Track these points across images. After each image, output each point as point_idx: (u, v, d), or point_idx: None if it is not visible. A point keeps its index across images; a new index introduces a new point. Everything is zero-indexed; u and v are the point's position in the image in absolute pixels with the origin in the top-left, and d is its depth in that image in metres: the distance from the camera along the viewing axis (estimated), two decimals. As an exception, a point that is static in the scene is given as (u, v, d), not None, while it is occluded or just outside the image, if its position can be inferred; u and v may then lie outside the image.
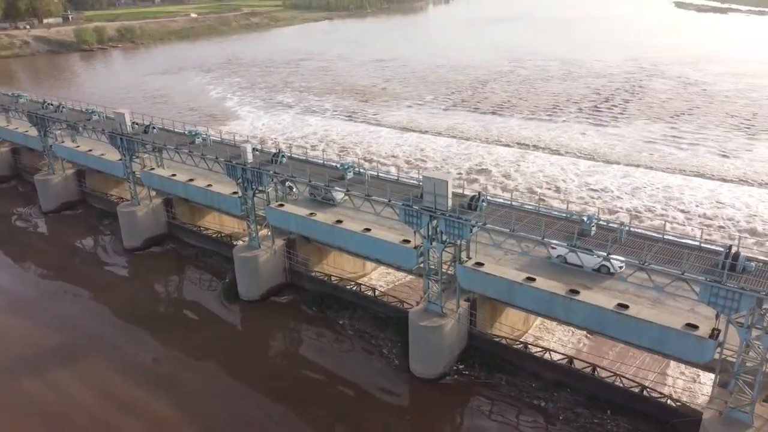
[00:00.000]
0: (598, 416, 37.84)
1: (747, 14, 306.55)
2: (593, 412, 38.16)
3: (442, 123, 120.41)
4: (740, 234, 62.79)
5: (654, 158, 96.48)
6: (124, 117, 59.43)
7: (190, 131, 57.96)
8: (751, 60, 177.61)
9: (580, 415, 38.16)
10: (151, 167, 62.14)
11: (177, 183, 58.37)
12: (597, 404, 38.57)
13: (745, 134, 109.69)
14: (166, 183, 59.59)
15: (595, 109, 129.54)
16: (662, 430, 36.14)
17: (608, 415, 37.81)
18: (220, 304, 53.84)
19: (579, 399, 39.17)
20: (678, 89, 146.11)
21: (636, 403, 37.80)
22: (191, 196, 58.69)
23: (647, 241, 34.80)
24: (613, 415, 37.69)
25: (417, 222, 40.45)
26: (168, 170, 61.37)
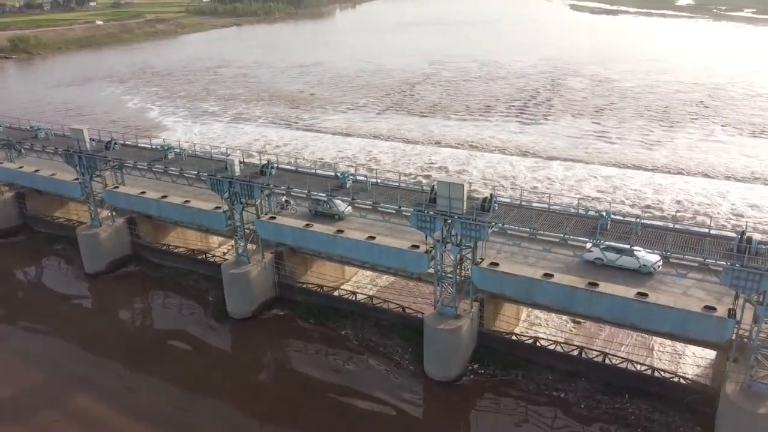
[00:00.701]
0: (618, 401, 39.61)
1: (635, 15, 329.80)
2: (612, 398, 39.88)
3: (382, 126, 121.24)
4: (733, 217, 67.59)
5: (589, 152, 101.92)
6: (83, 133, 55.49)
7: (162, 145, 55.03)
8: (650, 58, 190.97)
9: (601, 402, 39.78)
10: (115, 185, 58.37)
11: (149, 201, 55.17)
12: (614, 390, 40.31)
13: (662, 126, 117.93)
14: (135, 201, 56.20)
15: (523, 108, 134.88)
16: (679, 408, 38.27)
17: (626, 399, 39.65)
18: (208, 325, 51.47)
19: (596, 387, 40.80)
20: (593, 87, 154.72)
21: (650, 386, 39.88)
22: (166, 214, 55.69)
23: (660, 232, 36.90)
24: (631, 399, 39.58)
25: (430, 226, 40.67)
26: (134, 188, 57.90)
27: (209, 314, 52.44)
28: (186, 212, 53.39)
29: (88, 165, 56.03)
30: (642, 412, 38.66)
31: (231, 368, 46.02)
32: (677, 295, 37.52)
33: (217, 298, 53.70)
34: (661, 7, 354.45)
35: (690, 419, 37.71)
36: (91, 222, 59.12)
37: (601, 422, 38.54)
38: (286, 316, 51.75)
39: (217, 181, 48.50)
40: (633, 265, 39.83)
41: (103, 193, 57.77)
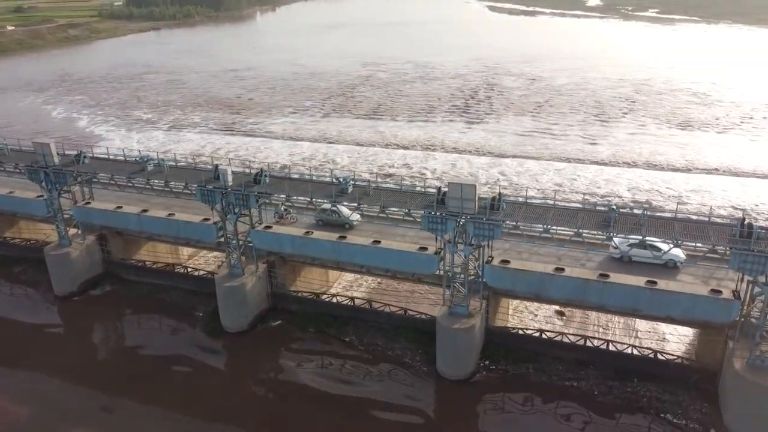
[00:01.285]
0: (629, 386, 41.46)
1: (551, 16, 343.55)
2: (622, 383, 41.74)
3: (331, 128, 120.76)
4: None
5: (537, 147, 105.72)
6: (50, 147, 52.03)
7: (141, 157, 52.40)
8: (574, 57, 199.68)
9: (613, 387, 41.54)
10: (86, 201, 55.08)
11: (128, 215, 52.44)
12: (622, 375, 42.13)
13: (599, 121, 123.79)
14: (112, 217, 53.28)
15: (465, 107, 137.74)
16: (686, 387, 40.53)
17: (636, 383, 41.54)
18: (202, 343, 49.56)
19: (606, 373, 42.49)
20: (527, 85, 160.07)
21: (655, 368, 42.03)
22: (148, 229, 53.03)
23: (666, 222, 38.96)
24: (640, 382, 41.52)
25: (442, 228, 41.04)
26: (106, 203, 54.88)
27: (201, 330, 50.55)
28: (171, 226, 51.14)
29: (56, 181, 52.56)
30: (653, 394, 40.67)
31: (237, 387, 44.36)
32: (678, 282, 39.67)
33: (207, 313, 51.94)
34: (573, 8, 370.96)
35: (696, 397, 39.97)
36: (59, 241, 55.50)
37: (616, 407, 40.21)
38: (281, 326, 50.71)
39: (209, 191, 46.79)
40: (658, 261, 41.51)
41: (74, 209, 54.41)
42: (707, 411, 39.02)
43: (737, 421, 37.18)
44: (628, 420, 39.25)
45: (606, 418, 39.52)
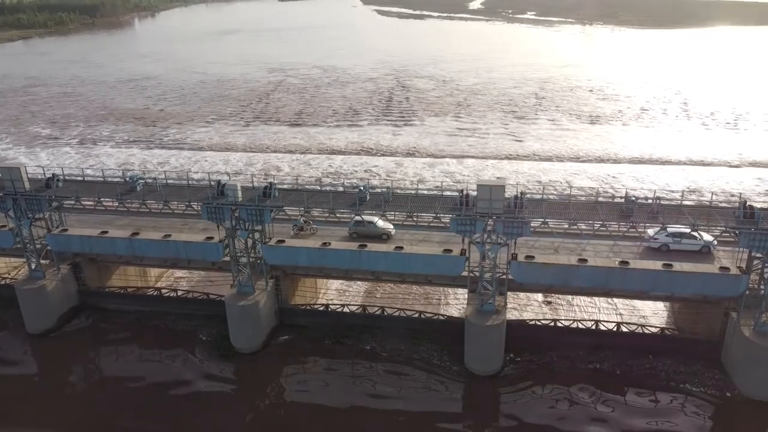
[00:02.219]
0: (646, 363, 44.77)
1: (439, 19, 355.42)
2: (640, 361, 44.95)
3: (261, 136, 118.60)
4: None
5: (471, 145, 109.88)
6: (20, 172, 47.17)
7: (131, 176, 48.85)
8: (475, 58, 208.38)
9: (633, 366, 44.65)
10: (63, 228, 50.45)
11: (116, 241, 48.57)
12: (638, 354, 45.39)
13: (516, 119, 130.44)
14: (96, 243, 49.12)
15: (387, 110, 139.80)
16: (696, 358, 44.49)
17: (651, 359, 44.94)
18: (214, 368, 47.02)
19: (623, 353, 45.53)
20: (439, 87, 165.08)
21: (663, 344, 45.79)
22: (141, 253, 49.40)
23: (676, 208, 42.61)
24: (656, 358, 44.94)
25: (471, 229, 42.15)
26: (84, 228, 50.64)
27: (210, 355, 47.99)
28: (169, 248, 48.08)
29: (28, 208, 47.72)
30: (669, 367, 44.22)
31: (272, 412, 42.70)
32: (689, 263, 43.50)
33: (212, 336, 49.51)
34: (458, 11, 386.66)
35: (706, 366, 43.98)
36: (31, 273, 50.40)
37: (640, 384, 43.26)
38: (294, 341, 49.39)
39: (216, 208, 44.71)
40: (695, 247, 44.84)
41: (49, 238, 49.65)
42: (719, 377, 43.08)
43: (748, 382, 41.38)
44: (653, 393, 42.35)
45: (633, 395, 42.41)
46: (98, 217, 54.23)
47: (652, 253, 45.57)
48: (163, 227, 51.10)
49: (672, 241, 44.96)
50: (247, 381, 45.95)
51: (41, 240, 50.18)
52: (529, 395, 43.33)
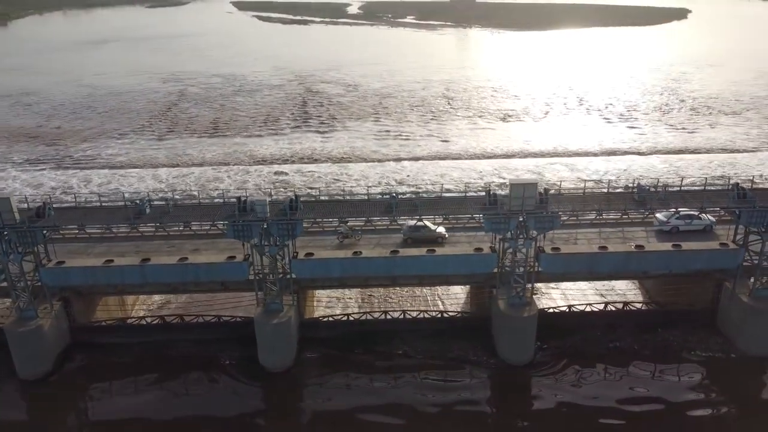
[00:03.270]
0: (659, 336, 49.02)
1: (324, 24, 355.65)
2: (652, 335, 49.13)
3: (183, 149, 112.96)
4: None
5: (403, 146, 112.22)
6: (10, 202, 42.23)
7: (137, 200, 45.21)
8: (373, 63, 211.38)
9: (647, 340, 48.69)
10: (58, 261, 45.65)
11: (126, 269, 44.78)
12: (648, 328, 49.56)
13: (435, 120, 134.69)
14: (103, 274, 45.01)
15: (307, 117, 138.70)
16: (696, 327, 49.43)
17: (660, 332, 49.27)
18: (248, 391, 45.06)
19: (635, 330, 49.45)
20: (349, 92, 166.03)
21: (664, 317, 50.38)
22: (154, 280, 45.83)
23: (679, 194, 47.11)
24: (663, 330, 49.32)
25: (504, 227, 43.97)
26: (83, 259, 46.29)
27: (238, 378, 45.84)
28: (187, 272, 45.21)
29: (20, 242, 42.81)
30: (677, 337, 48.70)
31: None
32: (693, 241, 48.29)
33: (235, 359, 47.30)
34: (340, 16, 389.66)
35: (708, 333, 49.02)
36: (20, 314, 45.14)
37: (658, 355, 47.32)
38: (325, 355, 48.29)
39: (244, 226, 42.92)
40: (701, 227, 49.28)
41: (44, 272, 44.75)
42: (722, 341, 48.23)
43: (749, 342, 46.73)
44: (673, 362, 46.62)
45: (658, 364, 46.41)
46: (79, 246, 49.85)
47: (662, 235, 49.85)
48: (159, 252, 47.96)
49: (683, 224, 49.53)
50: (290, 399, 44.75)
51: (31, 275, 45.08)
52: (564, 378, 45.77)
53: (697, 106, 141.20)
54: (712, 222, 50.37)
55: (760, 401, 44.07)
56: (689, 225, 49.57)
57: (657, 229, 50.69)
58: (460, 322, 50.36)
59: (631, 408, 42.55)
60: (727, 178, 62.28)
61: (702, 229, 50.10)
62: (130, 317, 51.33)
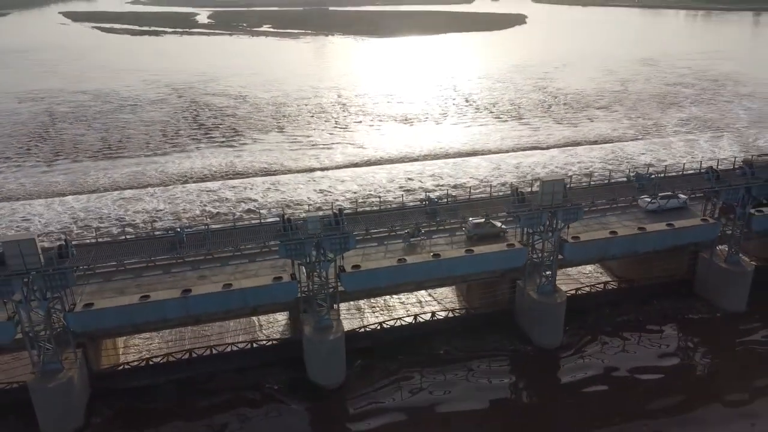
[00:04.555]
0: (655, 306, 55.21)
1: (176, 35, 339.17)
2: (651, 306, 55.42)
3: (83, 176, 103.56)
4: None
5: (325, 157, 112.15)
6: (34, 243, 37.10)
7: (171, 230, 41.66)
8: (248, 72, 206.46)
9: (649, 311, 54.89)
10: (86, 303, 40.63)
11: (166, 303, 41.05)
12: (645, 301, 55.63)
13: (340, 127, 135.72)
14: (140, 312, 40.89)
15: (207, 132, 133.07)
16: (678, 296, 56.29)
17: (656, 303, 55.49)
18: (306, 414, 43.83)
19: (637, 306, 55.24)
20: (240, 104, 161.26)
21: (655, 290, 56.76)
22: (198, 310, 42.35)
23: (664, 180, 53.38)
24: (659, 302, 55.55)
25: (537, 221, 47.15)
26: (111, 298, 41.72)
27: (290, 401, 44.31)
28: (233, 298, 42.61)
29: (48, 287, 37.81)
30: (669, 306, 55.31)
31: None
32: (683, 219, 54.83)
33: (284, 381, 45.64)
34: (190, 26, 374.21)
35: (692, 300, 56.03)
36: (43, 366, 39.69)
37: (663, 322, 53.50)
38: (371, 365, 48.06)
39: (297, 244, 41.72)
40: (676, 205, 55.26)
41: (72, 318, 39.73)
42: (705, 304, 55.43)
43: (731, 302, 54.23)
44: (677, 324, 53.27)
45: (668, 329, 52.77)
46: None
47: (650, 214, 56.11)
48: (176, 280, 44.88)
49: (666, 203, 55.91)
50: (357, 413, 44.00)
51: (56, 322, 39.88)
52: (591, 353, 50.15)
53: (569, 102, 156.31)
54: (686, 199, 57.40)
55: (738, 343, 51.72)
56: (670, 204, 56.04)
57: (645, 210, 56.72)
58: (483, 318, 52.29)
59: (655, 367, 48.51)
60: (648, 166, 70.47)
61: (678, 207, 56.90)
62: (153, 357, 46.81)
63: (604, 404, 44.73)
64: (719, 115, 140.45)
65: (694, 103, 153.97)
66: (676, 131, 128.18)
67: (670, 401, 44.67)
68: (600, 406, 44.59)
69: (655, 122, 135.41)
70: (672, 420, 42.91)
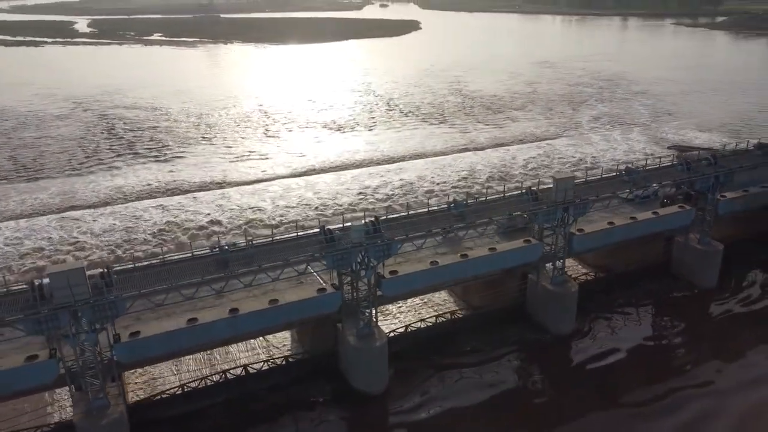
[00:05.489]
0: (646, 289, 60.21)
1: (56, 45, 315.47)
2: (643, 288, 60.21)
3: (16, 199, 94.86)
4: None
5: (269, 168, 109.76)
6: (83, 274, 34.31)
7: (216, 248, 39.73)
8: (151, 83, 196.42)
9: (651, 291, 60.19)
10: (133, 332, 37.80)
11: (215, 325, 39.25)
12: (634, 284, 60.51)
13: (267, 136, 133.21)
14: (189, 336, 38.82)
15: (129, 146, 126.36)
16: (659, 277, 61.68)
17: (641, 285, 60.41)
18: (351, 419, 43.87)
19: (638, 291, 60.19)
20: (158, 116, 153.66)
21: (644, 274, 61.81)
22: (245, 329, 41.05)
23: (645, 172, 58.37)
24: (646, 287, 60.50)
25: (553, 216, 50.04)
26: (152, 325, 39.21)
27: (335, 408, 44.22)
28: (280, 314, 41.60)
29: (99, 317, 35.10)
30: (654, 286, 60.48)
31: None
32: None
33: (328, 393, 45.34)
34: (71, 36, 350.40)
35: (671, 279, 61.57)
36: (92, 403, 36.64)
37: (656, 303, 58.53)
38: (408, 368, 48.74)
39: (345, 254, 41.64)
40: (651, 194, 59.97)
41: (120, 348, 36.98)
42: (682, 283, 61.10)
43: (706, 279, 60.10)
44: (671, 303, 58.78)
45: (658, 308, 57.74)
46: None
47: (630, 203, 61.08)
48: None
49: (642, 192, 60.01)
50: (406, 414, 44.74)
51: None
52: (600, 337, 53.98)
53: (487, 104, 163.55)
54: (657, 189, 62.73)
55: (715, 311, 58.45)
56: (646, 193, 61.04)
57: (625, 199, 61.30)
58: (495, 314, 54.41)
59: (656, 340, 53.97)
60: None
61: (651, 195, 61.98)
62: (185, 385, 44.29)
63: (626, 376, 48.96)
64: (624, 111, 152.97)
65: (599, 101, 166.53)
66: (591, 127, 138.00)
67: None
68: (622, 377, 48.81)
69: (570, 120, 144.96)
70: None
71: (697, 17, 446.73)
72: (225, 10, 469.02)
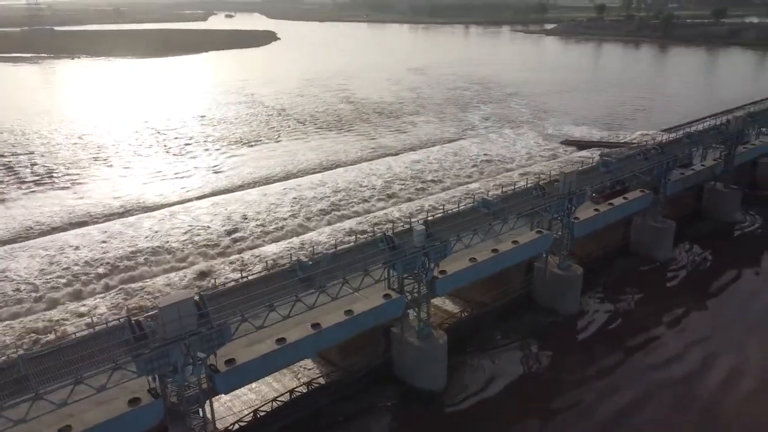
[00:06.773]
0: (618, 266, 66.99)
1: None
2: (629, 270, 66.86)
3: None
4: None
5: (191, 186, 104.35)
6: (193, 304, 31.81)
7: (295, 263, 38.22)
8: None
9: (627, 275, 66.58)
10: (228, 359, 35.18)
11: (302, 343, 37.88)
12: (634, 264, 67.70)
13: (172, 155, 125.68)
14: (279, 358, 37.25)
15: (13, 172, 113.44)
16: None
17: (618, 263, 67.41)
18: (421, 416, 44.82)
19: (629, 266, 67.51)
20: (23, 139, 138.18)
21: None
22: (328, 343, 39.91)
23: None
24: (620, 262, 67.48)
25: (562, 207, 54.54)
26: (239, 349, 36.90)
27: (405, 404, 45.09)
28: (356, 324, 41.30)
29: (206, 348, 32.69)
30: (627, 266, 67.81)
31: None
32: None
33: (395, 396, 46.22)
34: None
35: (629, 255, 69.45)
36: (197, 444, 33.82)
37: (639, 282, 65.47)
38: (469, 365, 50.73)
39: (411, 259, 42.54)
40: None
41: (222, 379, 34.44)
42: (642, 259, 68.99)
43: (663, 253, 68.50)
44: (646, 284, 65.50)
45: (642, 287, 64.33)
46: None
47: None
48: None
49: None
50: (469, 405, 46.33)
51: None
52: (605, 317, 59.46)
53: (380, 111, 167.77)
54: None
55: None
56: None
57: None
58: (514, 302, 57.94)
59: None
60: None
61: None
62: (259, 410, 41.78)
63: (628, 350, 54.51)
64: (507, 111, 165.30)
65: (480, 102, 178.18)
66: (485, 127, 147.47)
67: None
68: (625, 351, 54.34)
69: (463, 121, 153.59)
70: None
71: (528, 24, 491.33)
72: (54, 23, 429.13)
